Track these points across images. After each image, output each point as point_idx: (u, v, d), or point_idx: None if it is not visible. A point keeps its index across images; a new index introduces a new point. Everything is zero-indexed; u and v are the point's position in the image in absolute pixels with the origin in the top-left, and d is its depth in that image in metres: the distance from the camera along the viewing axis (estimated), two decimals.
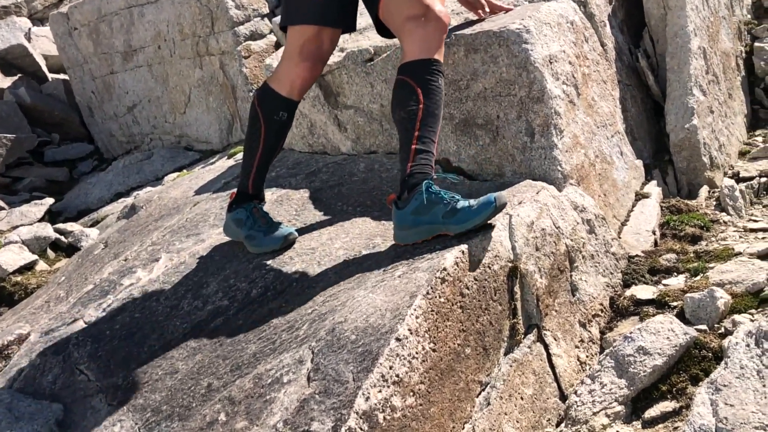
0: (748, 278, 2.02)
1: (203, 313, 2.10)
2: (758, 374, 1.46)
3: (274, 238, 2.24)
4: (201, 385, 1.76)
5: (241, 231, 2.29)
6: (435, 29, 2.01)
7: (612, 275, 2.27)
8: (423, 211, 1.91)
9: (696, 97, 3.05)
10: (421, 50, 2.00)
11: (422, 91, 1.98)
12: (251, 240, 2.27)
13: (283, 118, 2.23)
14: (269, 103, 2.22)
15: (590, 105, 2.62)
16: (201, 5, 4.84)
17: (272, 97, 2.21)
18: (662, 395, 1.72)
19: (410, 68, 2.02)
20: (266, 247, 2.25)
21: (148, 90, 5.61)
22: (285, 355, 1.69)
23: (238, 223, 2.30)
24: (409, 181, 1.96)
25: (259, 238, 2.25)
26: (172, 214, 3.08)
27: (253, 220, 2.28)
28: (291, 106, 2.24)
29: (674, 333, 1.79)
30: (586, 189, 2.43)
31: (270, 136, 2.24)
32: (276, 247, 2.24)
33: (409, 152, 1.98)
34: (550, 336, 1.98)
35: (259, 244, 2.25)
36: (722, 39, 3.65)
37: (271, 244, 2.24)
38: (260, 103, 2.24)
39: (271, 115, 2.21)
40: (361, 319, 1.68)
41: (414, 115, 1.98)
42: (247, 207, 2.29)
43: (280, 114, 2.21)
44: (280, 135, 2.27)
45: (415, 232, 1.95)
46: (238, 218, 2.30)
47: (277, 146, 2.31)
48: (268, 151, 2.28)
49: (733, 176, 3.14)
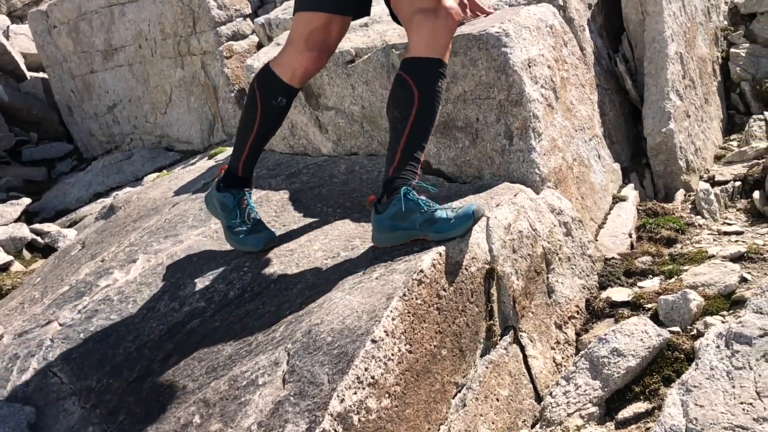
0: (721, 281, 2.05)
1: (180, 315, 2.08)
2: (728, 375, 1.49)
3: (256, 239, 2.20)
4: (176, 387, 1.75)
5: (224, 218, 2.24)
6: (444, 26, 1.94)
7: (588, 277, 2.29)
8: (401, 217, 1.91)
9: (673, 101, 3.09)
10: (426, 47, 1.93)
11: (419, 92, 1.93)
12: (231, 232, 2.22)
13: (282, 104, 2.15)
14: (269, 86, 2.14)
15: (569, 109, 2.65)
16: (183, 5, 4.81)
17: (273, 81, 2.13)
18: (635, 396, 1.74)
19: (412, 66, 1.96)
20: (245, 246, 2.21)
21: (129, 89, 5.56)
22: (261, 357, 1.68)
23: (223, 208, 2.24)
24: (390, 185, 1.95)
25: (241, 235, 2.20)
26: (150, 215, 3.05)
27: (239, 212, 2.21)
28: (291, 93, 2.16)
29: (648, 335, 1.81)
30: (564, 192, 2.45)
31: (266, 120, 2.17)
32: (254, 249, 2.20)
33: (395, 154, 1.96)
34: (526, 337, 1.99)
35: (239, 241, 2.21)
36: (699, 44, 3.71)
37: (251, 245, 2.20)
38: (260, 85, 2.15)
39: (269, 99, 2.14)
40: (337, 321, 1.68)
41: (406, 117, 1.94)
42: (235, 195, 2.22)
43: (279, 99, 2.13)
44: (276, 120, 2.21)
45: (392, 236, 1.95)
46: (224, 203, 2.23)
47: (272, 131, 2.24)
48: (262, 135, 2.21)
49: (708, 180, 3.18)
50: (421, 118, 1.94)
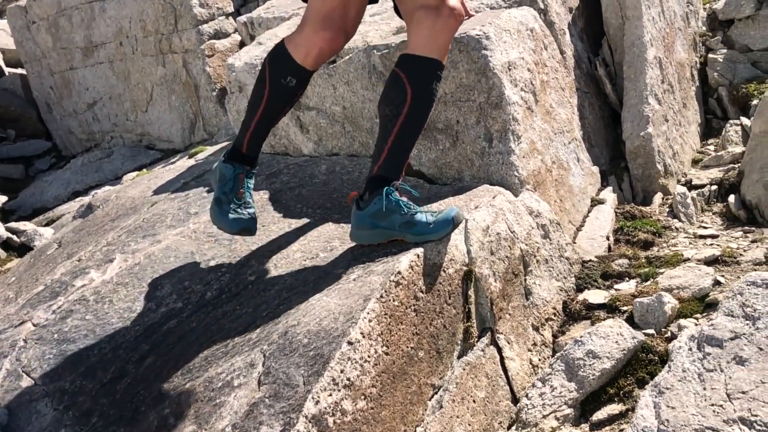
0: (695, 284, 2.07)
1: (156, 316, 2.06)
2: (699, 377, 1.51)
3: (234, 221, 2.08)
4: (151, 388, 1.73)
5: (217, 188, 2.14)
6: (444, 26, 1.88)
7: (565, 279, 2.31)
8: (381, 216, 1.90)
9: (651, 105, 3.12)
10: (425, 46, 1.88)
11: (413, 92, 1.89)
12: (217, 205, 2.11)
13: (291, 84, 2.03)
14: (279, 65, 2.02)
15: (548, 112, 2.66)
16: (164, 2, 4.78)
17: (284, 59, 2.01)
18: (610, 398, 1.76)
19: (409, 64, 1.91)
20: (222, 224, 2.10)
21: (109, 87, 5.50)
22: (237, 359, 1.67)
23: (221, 178, 2.13)
24: (373, 183, 1.93)
25: (224, 212, 2.09)
26: (129, 214, 3.02)
27: (232, 187, 2.11)
28: (302, 74, 2.03)
29: (623, 337, 1.83)
30: (543, 194, 2.47)
31: (273, 99, 2.05)
32: (229, 231, 2.10)
33: (382, 152, 1.93)
34: (503, 339, 2.00)
35: (219, 216, 2.09)
36: (678, 50, 3.75)
37: (227, 225, 2.09)
38: (270, 62, 2.04)
39: (278, 78, 2.02)
40: (314, 322, 1.67)
41: (397, 116, 1.90)
42: (235, 168, 2.12)
43: (288, 79, 2.01)
44: (284, 101, 2.08)
45: (371, 234, 1.95)
46: (223, 173, 2.13)
47: (279, 112, 2.12)
48: (268, 114, 2.09)
49: (685, 184, 3.22)
50: (412, 118, 1.91)
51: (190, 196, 2.94)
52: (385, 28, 2.95)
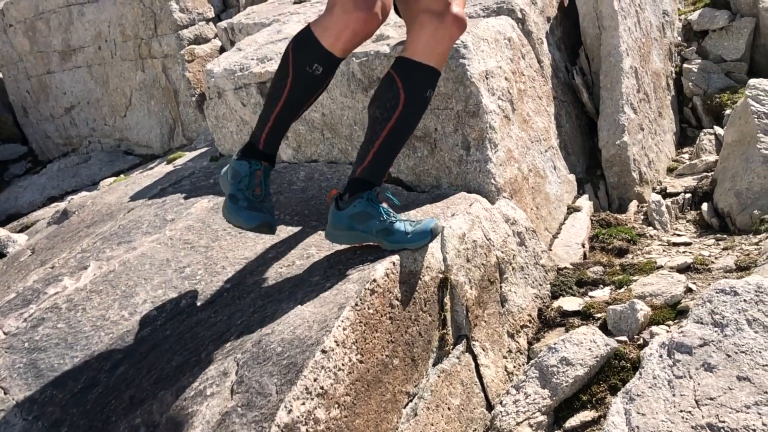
0: (668, 291, 2.10)
1: (130, 324, 2.04)
2: (669, 384, 1.52)
3: (250, 215, 1.92)
4: (122, 398, 1.71)
5: (230, 186, 1.98)
6: (446, 34, 1.84)
7: (541, 287, 2.33)
8: (359, 219, 1.88)
9: (627, 114, 3.17)
10: (423, 52, 1.84)
11: (406, 98, 1.85)
12: (232, 201, 1.95)
13: (317, 73, 1.85)
14: (304, 50, 1.84)
15: (525, 120, 2.69)
16: (144, 7, 4.74)
17: (310, 44, 1.83)
18: (583, 405, 1.77)
19: (405, 68, 1.86)
20: (238, 220, 1.94)
21: (88, 91, 5.45)
22: (210, 367, 1.66)
23: (234, 175, 1.97)
24: (355, 184, 1.91)
25: (239, 207, 1.94)
26: (105, 221, 2.99)
27: (248, 183, 1.95)
28: (330, 61, 1.85)
29: (596, 344, 1.85)
30: (519, 202, 2.48)
31: (296, 89, 1.88)
32: (245, 226, 1.94)
33: (367, 155, 1.89)
34: (478, 346, 2.01)
35: (235, 212, 1.94)
36: (653, 59, 3.81)
37: (242, 219, 1.93)
38: (295, 48, 1.87)
39: (302, 65, 1.85)
40: (288, 330, 1.67)
41: (387, 120, 1.85)
42: (252, 164, 1.97)
43: (314, 67, 1.84)
44: (309, 91, 1.92)
45: (347, 235, 1.92)
46: (237, 170, 1.97)
47: (303, 103, 1.95)
48: (290, 106, 1.92)
49: (660, 192, 3.26)
50: (402, 124, 1.88)
51: (166, 203, 2.92)
52: None
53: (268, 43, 3.28)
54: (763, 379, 1.45)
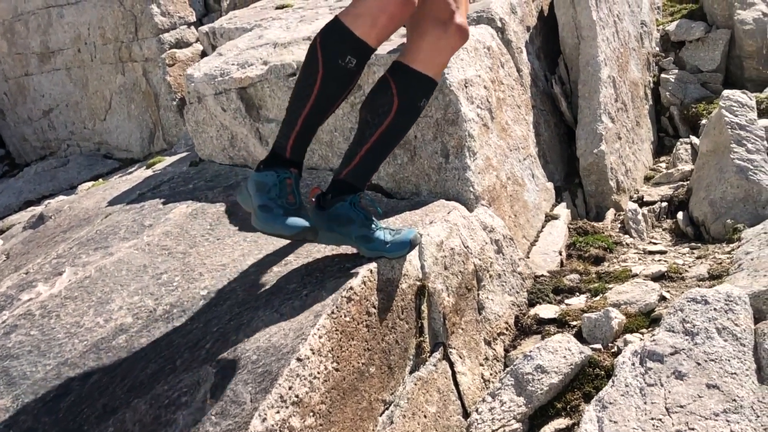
0: (642, 299, 2.13)
1: (105, 331, 2.02)
2: (641, 392, 1.54)
3: (293, 222, 1.75)
4: (95, 406, 1.69)
5: (257, 198, 1.80)
6: (448, 44, 1.80)
7: (518, 294, 2.34)
8: (340, 222, 1.86)
9: (605, 123, 3.21)
10: (423, 60, 1.79)
11: (399, 106, 1.81)
12: (264, 211, 1.77)
13: (350, 66, 1.70)
14: (335, 42, 1.70)
15: (504, 129, 2.71)
16: (124, 10, 4.71)
17: (341, 35, 1.69)
18: (557, 413, 1.79)
19: (402, 75, 1.81)
20: (277, 228, 1.76)
21: (66, 94, 5.39)
22: (184, 375, 1.65)
23: (259, 188, 1.79)
24: (339, 186, 1.88)
25: (276, 215, 1.76)
26: (81, 225, 2.96)
27: (279, 192, 1.79)
28: (363, 52, 1.71)
29: (570, 352, 1.87)
30: (498, 210, 2.50)
31: (327, 86, 1.72)
32: (287, 234, 1.77)
33: (354, 158, 1.85)
34: (455, 354, 2.02)
35: (271, 220, 1.76)
36: (631, 69, 3.87)
37: (284, 228, 1.75)
38: (323, 41, 1.72)
39: (334, 58, 1.69)
40: (263, 338, 1.66)
41: (378, 125, 1.81)
42: (279, 172, 1.80)
43: (347, 59, 1.69)
44: (341, 87, 1.76)
45: (326, 236, 1.88)
46: (262, 182, 1.79)
47: (334, 101, 1.79)
48: (320, 106, 1.76)
49: (637, 200, 3.31)
50: (392, 131, 1.85)
51: (145, 208, 2.89)
52: None
53: (249, 48, 3.28)
54: (731, 387, 1.47)
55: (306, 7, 3.85)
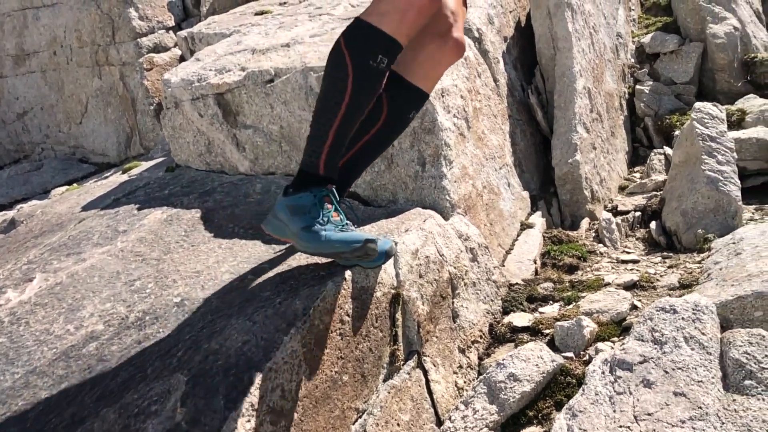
0: (614, 308, 2.15)
1: (75, 338, 1.99)
2: (610, 400, 1.56)
3: (350, 238, 1.64)
4: (64, 416, 1.66)
5: (296, 222, 1.68)
6: (445, 57, 1.77)
7: (492, 302, 2.36)
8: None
9: (579, 134, 3.25)
10: (417, 74, 1.75)
11: (388, 114, 1.79)
12: (311, 233, 1.65)
13: (381, 66, 1.60)
14: (364, 43, 1.59)
15: (480, 138, 2.74)
16: (101, 13, 4.67)
17: (370, 34, 1.58)
18: (529, 420, 1.80)
19: (395, 85, 1.77)
20: (335, 247, 1.64)
21: (42, 97, 5.32)
22: (155, 384, 1.63)
23: (296, 211, 1.68)
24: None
25: (328, 234, 1.65)
26: (54, 231, 2.92)
27: (321, 211, 1.66)
28: (394, 50, 1.60)
29: (543, 360, 1.88)
30: (473, 218, 2.52)
31: (360, 90, 1.60)
32: (347, 251, 1.65)
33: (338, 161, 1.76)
34: (429, 362, 2.02)
35: (325, 240, 1.63)
36: (607, 80, 3.92)
37: (342, 246, 1.64)
38: (349, 43, 1.60)
39: (364, 60, 1.58)
40: (236, 346, 1.65)
41: (364, 132, 1.79)
42: (315, 192, 1.67)
43: (378, 59, 1.58)
44: (373, 90, 1.65)
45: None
46: (298, 205, 1.67)
47: (366, 106, 1.68)
48: (352, 113, 1.64)
49: (611, 210, 3.35)
50: (378, 140, 1.84)
51: (119, 214, 2.86)
52: (324, 50, 2.98)
53: (227, 54, 3.27)
54: (697, 394, 1.49)
55: (285, 13, 3.86)
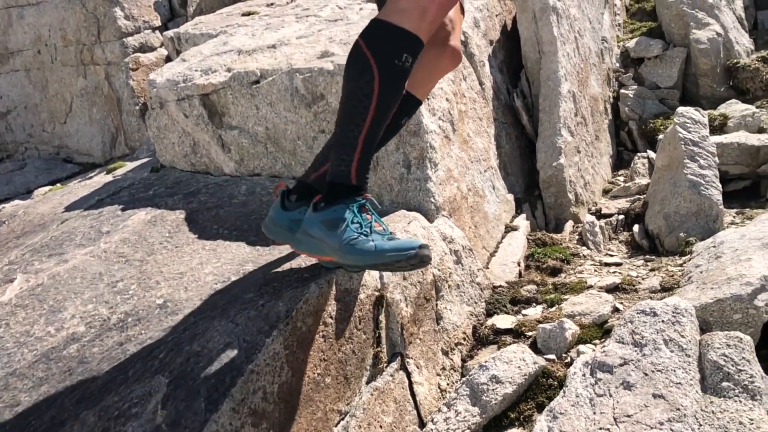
0: (595, 310, 2.17)
1: (56, 340, 1.97)
2: (590, 402, 1.58)
3: (406, 242, 1.53)
4: (43, 419, 1.65)
5: (335, 237, 1.57)
6: (440, 66, 1.75)
7: (476, 304, 2.37)
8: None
9: (564, 137, 3.27)
10: (411, 83, 1.72)
11: None
12: (357, 244, 1.54)
13: (407, 65, 1.53)
14: (387, 42, 1.52)
15: (465, 141, 2.75)
16: (87, 12, 4.63)
17: (392, 33, 1.51)
18: (511, 422, 1.81)
19: None
20: (391, 256, 1.51)
21: (25, 96, 5.27)
22: (136, 386, 1.62)
23: (332, 225, 1.58)
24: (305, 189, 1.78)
25: (379, 243, 1.53)
26: (36, 231, 2.90)
27: (362, 223, 1.57)
28: (417, 48, 1.54)
29: (525, 362, 1.89)
30: (458, 220, 2.53)
31: (386, 90, 1.52)
32: (404, 258, 1.51)
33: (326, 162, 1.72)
34: (413, 364, 2.03)
35: (379, 251, 1.51)
36: (592, 84, 3.96)
37: (399, 252, 1.50)
38: (371, 44, 1.53)
39: (389, 60, 1.51)
40: (218, 348, 1.65)
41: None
42: (348, 203, 1.58)
43: (404, 57, 1.51)
44: (399, 91, 1.57)
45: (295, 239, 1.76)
46: (336, 218, 1.57)
47: (393, 108, 1.60)
48: (381, 115, 1.56)
49: (595, 213, 3.38)
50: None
51: (103, 214, 2.84)
52: (310, 51, 2.98)
53: (213, 54, 3.26)
54: (676, 396, 1.51)
55: (272, 14, 3.85)
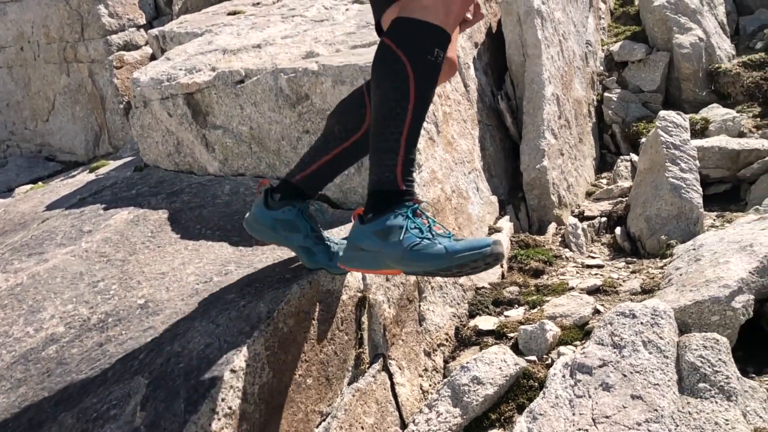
0: (576, 312, 2.19)
1: (34, 341, 1.95)
2: (570, 403, 1.59)
3: (477, 240, 1.44)
4: (21, 420, 1.63)
5: (397, 244, 1.48)
6: None
7: (459, 306, 2.38)
8: (284, 226, 1.82)
9: (547, 140, 3.29)
10: None
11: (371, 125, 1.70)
12: (419, 249, 1.45)
13: (439, 60, 1.47)
14: (417, 38, 1.46)
15: (449, 142, 2.76)
16: (70, 9, 4.59)
17: (421, 29, 1.45)
18: (492, 424, 1.82)
19: None
20: (463, 257, 1.41)
21: (7, 93, 5.21)
22: (115, 387, 1.61)
23: (388, 233, 1.49)
24: (290, 189, 1.79)
25: (449, 245, 1.44)
26: (16, 230, 2.86)
27: (421, 227, 1.49)
28: (446, 41, 1.48)
29: (506, 363, 1.90)
30: (442, 221, 2.54)
31: (422, 88, 1.47)
32: (479, 256, 1.41)
33: (312, 164, 1.78)
34: (395, 365, 2.03)
35: (450, 252, 1.43)
36: (576, 87, 3.99)
37: (474, 251, 1.41)
38: (399, 40, 1.46)
39: (422, 55, 1.45)
40: (198, 349, 1.64)
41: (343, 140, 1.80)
42: (402, 210, 1.49)
43: (435, 52, 1.46)
44: (434, 86, 1.52)
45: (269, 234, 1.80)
46: (390, 226, 1.49)
47: (430, 104, 1.55)
48: (419, 114, 1.50)
49: (578, 215, 3.40)
50: (359, 148, 1.83)
51: (85, 213, 2.82)
52: (295, 51, 2.98)
53: (198, 53, 3.24)
54: (654, 397, 1.53)
55: (258, 14, 3.84)
